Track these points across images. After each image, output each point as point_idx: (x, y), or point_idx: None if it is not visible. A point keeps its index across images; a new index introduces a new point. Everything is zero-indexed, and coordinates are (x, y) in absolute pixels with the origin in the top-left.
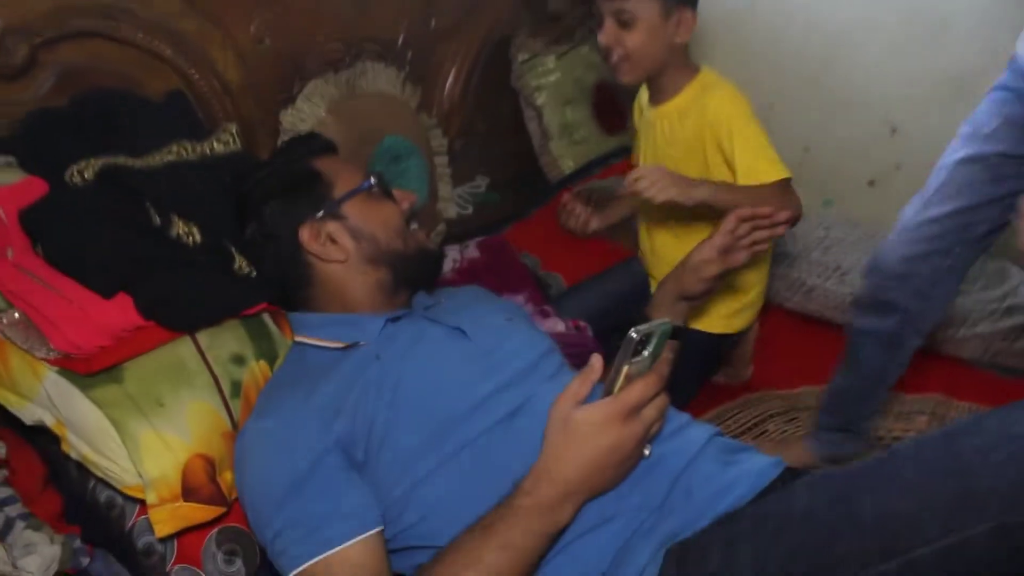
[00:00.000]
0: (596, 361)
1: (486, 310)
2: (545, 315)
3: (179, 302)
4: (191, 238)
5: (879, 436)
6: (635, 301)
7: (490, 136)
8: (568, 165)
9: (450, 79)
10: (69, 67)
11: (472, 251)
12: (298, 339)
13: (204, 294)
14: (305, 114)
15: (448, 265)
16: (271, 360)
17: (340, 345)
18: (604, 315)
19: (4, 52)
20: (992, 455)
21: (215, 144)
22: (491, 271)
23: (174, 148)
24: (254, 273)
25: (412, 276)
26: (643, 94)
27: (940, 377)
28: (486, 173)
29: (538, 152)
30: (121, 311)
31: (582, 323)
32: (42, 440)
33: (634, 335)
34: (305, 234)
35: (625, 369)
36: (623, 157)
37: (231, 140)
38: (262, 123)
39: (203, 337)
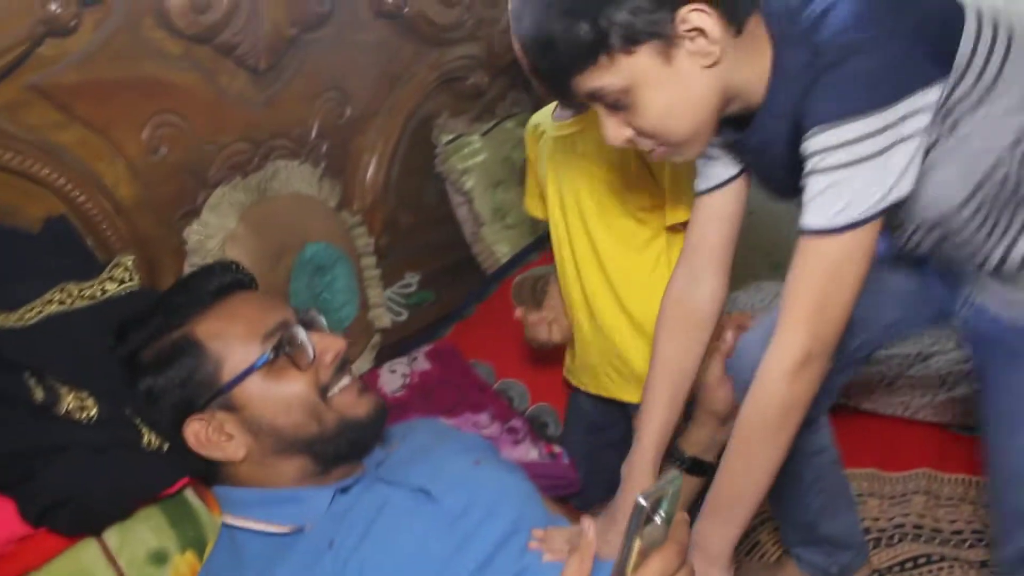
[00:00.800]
0: (589, 529)
1: (448, 452)
2: (515, 437)
3: (78, 501)
4: (85, 413)
5: (877, 528)
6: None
7: (416, 228)
8: (503, 252)
9: (371, 170)
10: None
11: (422, 362)
12: (227, 521)
13: (109, 484)
14: (213, 228)
15: (398, 382)
16: (200, 548)
17: (281, 530)
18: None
19: None
20: None
21: (107, 283)
22: (448, 384)
23: (56, 296)
24: (166, 446)
25: (342, 453)
26: (537, 117)
27: (919, 448)
28: (415, 269)
29: (470, 240)
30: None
31: (557, 449)
32: None
33: (643, 502)
34: (191, 435)
35: (637, 544)
36: None
37: (128, 275)
38: (164, 243)
39: (111, 535)
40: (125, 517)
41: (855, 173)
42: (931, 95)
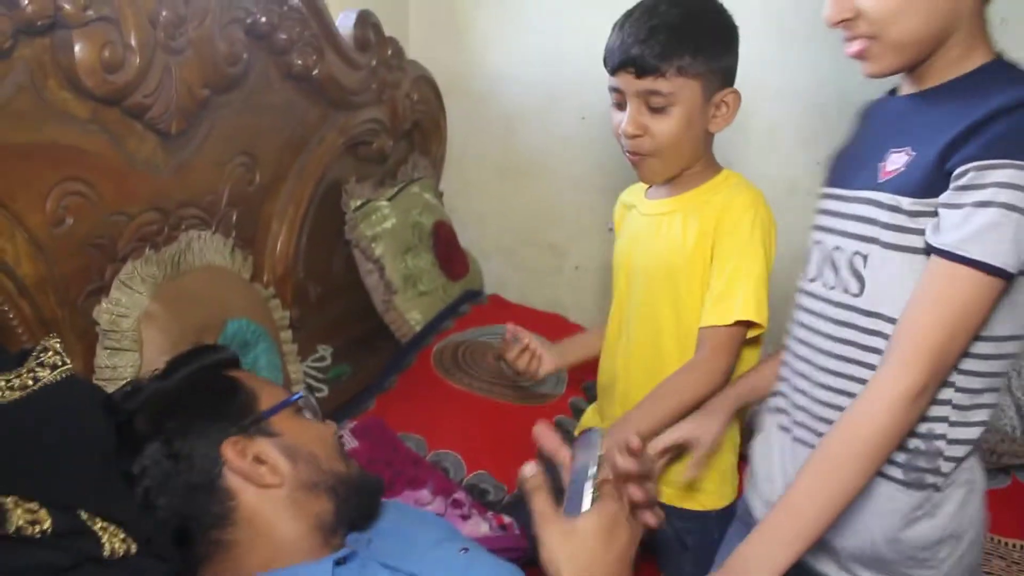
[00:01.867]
0: (529, 472)
1: (431, 540)
2: (461, 511)
3: None
4: (37, 527)
5: None
6: None
7: (325, 299)
8: (416, 319)
9: (281, 239)
10: None
11: (348, 440)
12: None
13: None
14: (125, 306)
15: None
16: None
17: None
18: None
19: None
20: None
21: (38, 370)
22: (379, 462)
23: None
24: (133, 548)
25: (355, 510)
26: (632, 189)
27: None
28: (327, 341)
29: (381, 309)
30: None
31: (507, 519)
32: None
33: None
34: (229, 451)
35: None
36: (473, 303)
37: (59, 359)
38: (72, 326)
39: None
40: None
41: None
42: None
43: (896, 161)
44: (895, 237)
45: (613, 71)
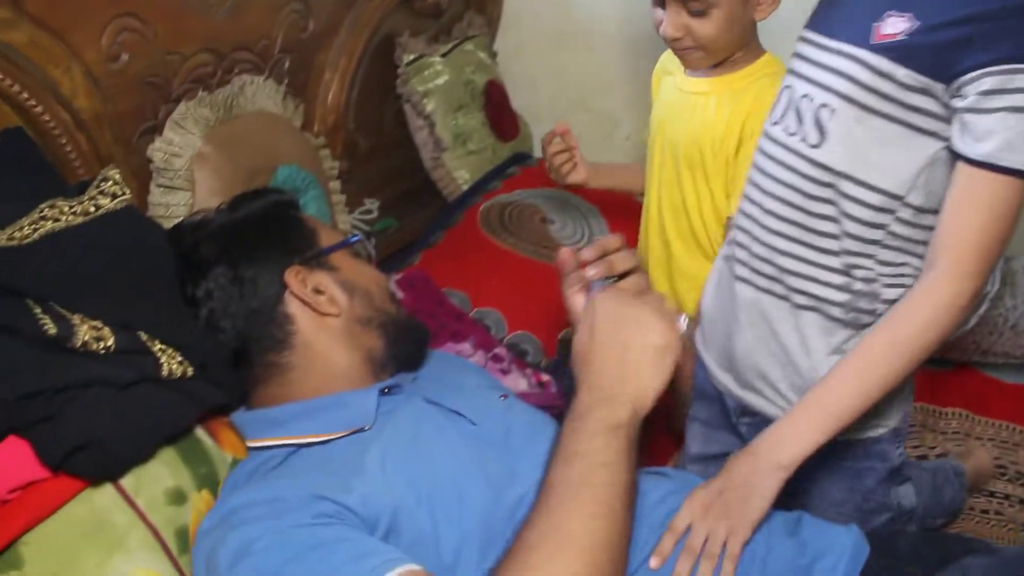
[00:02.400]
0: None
1: (474, 385)
2: (501, 365)
3: (103, 444)
4: (102, 344)
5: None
6: None
7: (375, 152)
8: (464, 178)
9: (332, 89)
10: None
11: (394, 291)
12: (257, 445)
13: (135, 423)
14: (178, 146)
15: None
16: (213, 487)
17: (335, 435)
18: None
19: None
20: None
21: (99, 198)
22: (423, 313)
23: (46, 210)
24: (190, 371)
25: (403, 351)
26: (668, 60)
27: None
28: (375, 195)
29: (429, 166)
30: (9, 463)
31: (545, 377)
32: None
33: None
34: (292, 277)
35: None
36: (521, 165)
37: (119, 189)
38: (124, 162)
39: (125, 476)
40: (146, 460)
41: None
42: None
43: (895, 25)
44: (874, 101)
45: None
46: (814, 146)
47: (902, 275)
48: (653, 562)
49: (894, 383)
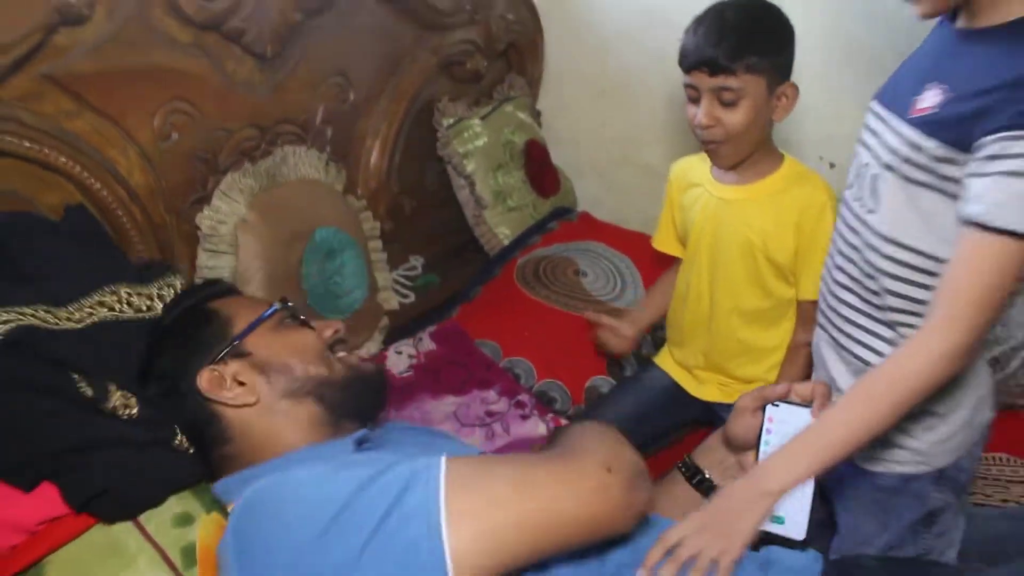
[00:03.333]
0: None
1: (443, 448)
2: (523, 411)
3: (119, 492)
4: (128, 411)
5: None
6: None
7: (419, 212)
8: (505, 234)
9: (374, 154)
10: None
11: (427, 343)
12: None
13: (146, 480)
14: (224, 213)
15: (405, 363)
16: (223, 511)
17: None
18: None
19: None
20: None
21: (156, 300)
22: (454, 364)
23: (107, 299)
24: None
25: (351, 406)
26: (690, 166)
27: None
28: (419, 252)
29: (472, 223)
30: (39, 503)
31: (564, 422)
32: None
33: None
34: (203, 381)
35: None
36: (561, 220)
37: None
38: (177, 230)
39: None
40: (158, 506)
41: None
42: None
43: (931, 99)
44: (912, 171)
45: (688, 70)
46: (871, 211)
47: None
48: (640, 574)
49: (879, 425)
